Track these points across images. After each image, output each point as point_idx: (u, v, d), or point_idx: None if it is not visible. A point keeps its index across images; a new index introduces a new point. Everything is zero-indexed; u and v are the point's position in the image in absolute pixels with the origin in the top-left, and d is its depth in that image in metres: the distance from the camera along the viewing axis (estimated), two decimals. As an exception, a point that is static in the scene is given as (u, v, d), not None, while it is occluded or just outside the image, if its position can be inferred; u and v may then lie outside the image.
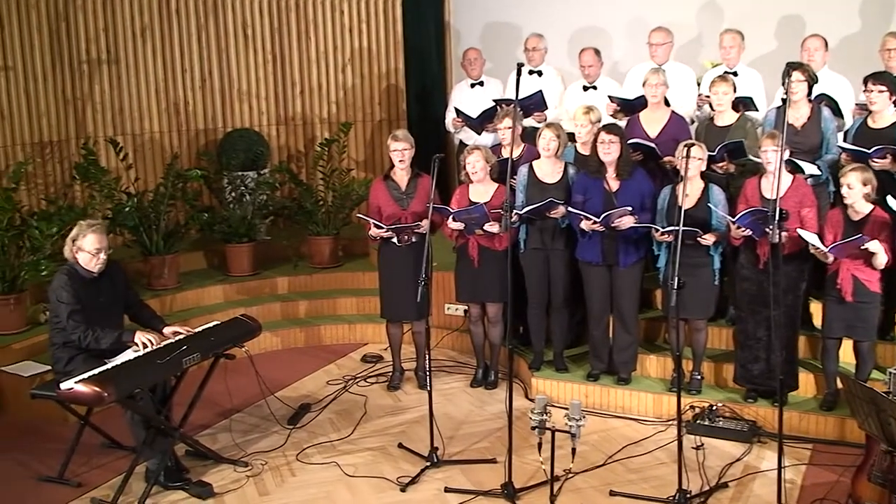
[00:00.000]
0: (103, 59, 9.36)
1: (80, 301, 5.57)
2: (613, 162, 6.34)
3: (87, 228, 5.65)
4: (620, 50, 9.02)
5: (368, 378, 7.46)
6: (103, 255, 5.68)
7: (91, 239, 5.62)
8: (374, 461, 5.99)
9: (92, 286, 5.69)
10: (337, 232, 9.04)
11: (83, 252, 5.63)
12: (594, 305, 6.65)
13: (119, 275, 5.93)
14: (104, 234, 5.72)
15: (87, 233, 5.63)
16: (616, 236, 6.34)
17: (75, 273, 5.66)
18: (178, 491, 5.63)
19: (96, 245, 5.63)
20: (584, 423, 5.06)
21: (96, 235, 5.64)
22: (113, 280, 5.84)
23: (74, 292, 5.56)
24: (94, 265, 5.65)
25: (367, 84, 10.20)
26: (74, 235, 5.67)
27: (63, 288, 5.57)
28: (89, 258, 5.64)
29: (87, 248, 5.62)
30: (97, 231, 5.66)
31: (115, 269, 5.89)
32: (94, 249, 5.63)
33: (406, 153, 6.79)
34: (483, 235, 6.68)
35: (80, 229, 5.66)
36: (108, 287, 5.80)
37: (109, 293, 5.80)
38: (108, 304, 5.78)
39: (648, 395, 6.55)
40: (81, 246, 5.63)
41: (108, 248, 5.75)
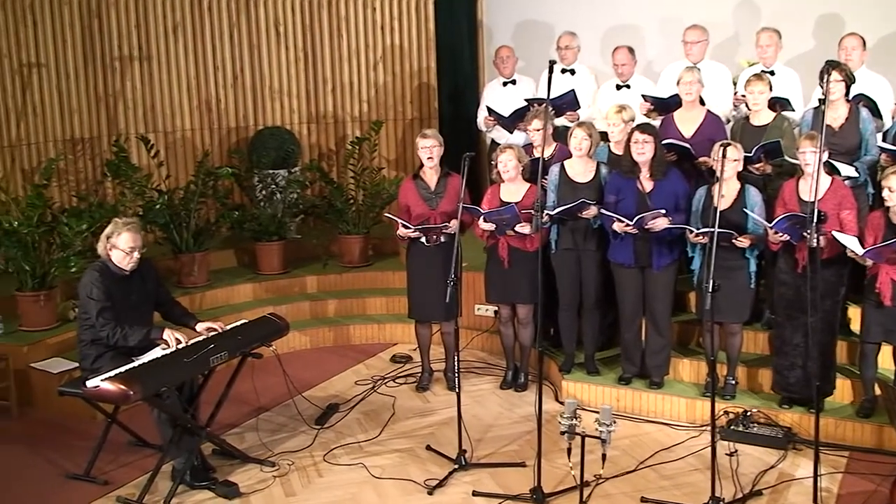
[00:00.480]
0: (135, 56, 9.37)
1: (110, 298, 5.55)
2: (647, 162, 6.24)
3: (122, 226, 5.62)
4: (654, 49, 8.90)
5: (397, 379, 7.40)
6: (137, 255, 5.66)
7: (126, 237, 5.60)
8: (402, 463, 5.92)
9: (123, 283, 5.67)
10: (367, 231, 8.99)
11: (117, 250, 5.60)
12: (626, 308, 6.55)
13: (150, 272, 5.90)
14: (139, 233, 5.69)
15: (122, 231, 5.60)
16: (649, 237, 6.23)
17: (107, 270, 5.63)
18: (204, 490, 5.60)
19: (130, 244, 5.61)
20: (614, 429, 4.97)
21: (131, 234, 5.61)
22: (144, 278, 5.82)
23: (105, 289, 5.54)
24: (126, 263, 5.63)
25: (399, 82, 10.13)
26: (109, 232, 5.64)
27: (94, 284, 5.54)
28: (122, 256, 5.61)
29: (121, 247, 5.60)
30: (132, 230, 5.63)
31: (146, 267, 5.86)
32: (129, 248, 5.60)
33: (435, 150, 6.73)
34: (514, 236, 6.60)
35: (116, 227, 5.63)
36: (138, 285, 5.77)
37: (140, 291, 5.78)
38: (138, 301, 5.75)
39: (681, 400, 6.44)
40: (116, 244, 5.60)
41: (143, 247, 5.72)
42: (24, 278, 7.22)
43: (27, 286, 7.23)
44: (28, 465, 6.05)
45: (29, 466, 6.03)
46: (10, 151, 8.55)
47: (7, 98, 8.49)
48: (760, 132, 6.55)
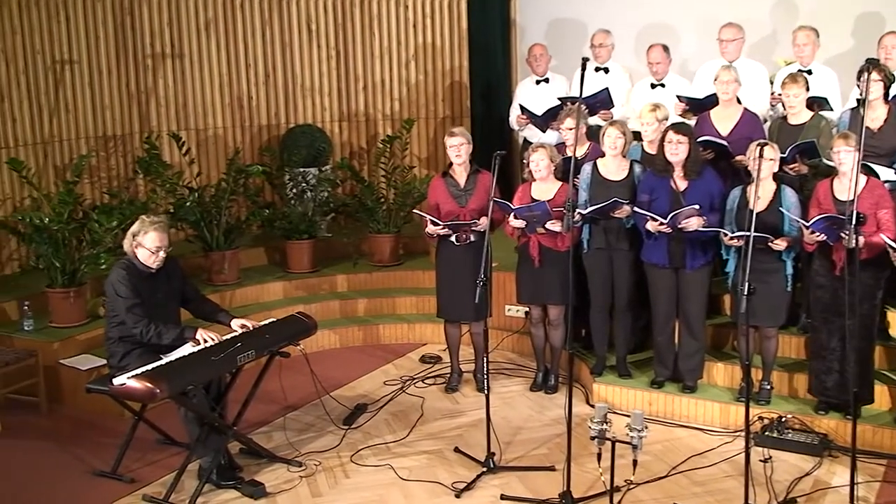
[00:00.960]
0: (167, 53, 9.38)
1: (139, 295, 5.53)
2: (680, 162, 6.13)
3: (149, 225, 5.58)
4: (690, 48, 8.77)
5: (426, 379, 7.34)
6: (163, 254, 5.62)
7: (152, 237, 5.56)
8: (430, 465, 5.86)
9: (149, 281, 5.64)
10: (398, 230, 8.94)
11: (143, 248, 5.57)
12: (659, 309, 6.44)
13: (175, 270, 5.88)
14: (166, 232, 5.65)
15: (148, 230, 5.56)
16: (683, 238, 6.13)
17: (133, 267, 5.61)
18: (230, 490, 5.56)
19: (157, 243, 5.57)
20: (646, 434, 4.86)
21: (157, 233, 5.57)
22: (170, 276, 5.79)
23: (133, 286, 5.52)
24: (152, 262, 5.60)
25: (431, 80, 10.07)
26: (136, 230, 5.61)
27: (121, 282, 5.52)
28: (148, 255, 5.58)
29: (147, 245, 5.56)
30: (159, 229, 5.59)
31: (171, 265, 5.83)
32: (154, 247, 5.57)
33: (462, 148, 6.66)
34: (545, 235, 6.51)
35: (142, 225, 5.60)
36: (164, 282, 5.75)
37: (166, 288, 5.75)
38: (165, 299, 5.73)
39: (715, 405, 6.32)
40: (142, 242, 5.57)
41: (169, 246, 5.69)
42: (54, 275, 7.23)
43: (57, 282, 7.24)
44: (56, 461, 6.05)
45: (57, 463, 6.03)
46: (43, 148, 8.58)
47: (40, 95, 8.51)
48: (797, 131, 6.43)
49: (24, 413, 6.79)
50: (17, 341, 7.10)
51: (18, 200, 8.31)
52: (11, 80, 8.26)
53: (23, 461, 6.08)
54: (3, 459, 6.11)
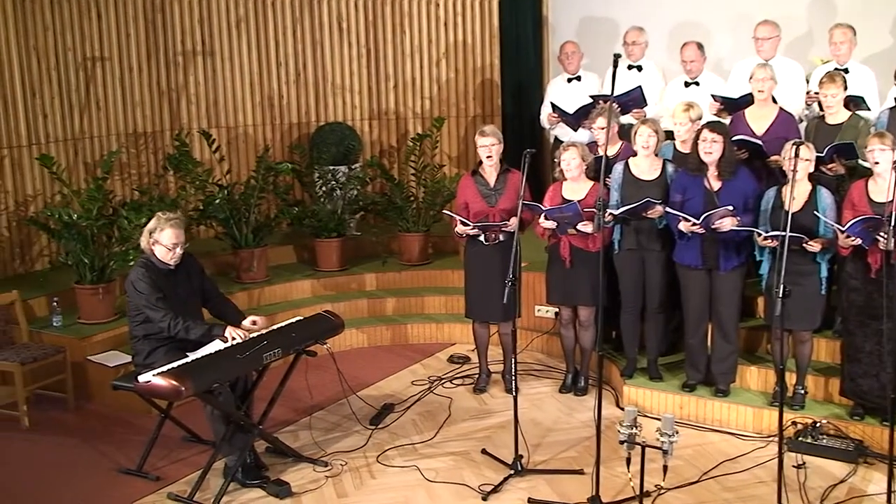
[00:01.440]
0: (198, 51, 9.38)
1: (160, 290, 5.52)
2: (714, 162, 6.02)
3: (164, 222, 5.58)
4: (724, 46, 8.63)
5: (454, 379, 7.27)
6: (179, 250, 5.61)
7: (168, 233, 5.55)
8: (456, 466, 5.79)
9: (169, 278, 5.64)
10: (427, 229, 8.88)
11: (160, 245, 5.57)
12: (692, 311, 6.33)
13: (194, 267, 5.86)
14: (182, 228, 5.64)
15: (164, 226, 5.56)
16: (716, 238, 6.02)
17: (152, 265, 5.60)
18: (255, 489, 5.53)
19: (173, 240, 5.56)
20: (676, 439, 4.76)
21: (174, 230, 5.57)
22: (189, 273, 5.78)
23: (153, 283, 5.50)
24: (170, 259, 5.59)
25: (462, 79, 10.01)
26: (152, 228, 5.60)
27: (141, 279, 5.51)
28: (165, 251, 5.57)
29: (163, 242, 5.56)
30: (175, 225, 5.58)
31: (190, 263, 5.82)
32: (171, 244, 5.56)
33: (494, 149, 6.58)
34: (576, 235, 6.43)
35: (158, 222, 5.59)
36: (184, 280, 5.74)
37: (186, 285, 5.74)
38: (185, 296, 5.71)
39: (748, 409, 6.21)
40: (158, 239, 5.57)
41: (185, 242, 5.68)
42: (83, 271, 7.24)
43: (86, 279, 7.25)
44: (82, 458, 6.05)
45: (83, 459, 6.03)
46: (74, 144, 8.61)
47: (71, 91, 8.54)
48: (835, 131, 6.31)
49: (52, 409, 6.81)
50: (46, 337, 7.11)
51: (49, 197, 8.34)
52: (43, 77, 8.29)
53: (49, 457, 6.08)
54: (30, 455, 6.12)
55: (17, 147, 8.15)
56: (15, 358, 6.54)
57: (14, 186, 8.18)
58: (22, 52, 8.11)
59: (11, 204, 8.17)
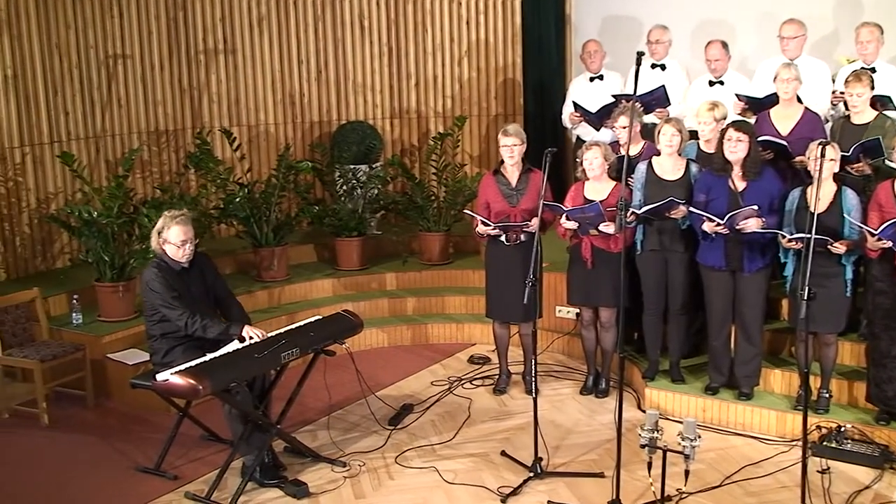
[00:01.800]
0: (220, 48, 9.38)
1: (175, 289, 5.51)
2: (739, 161, 5.94)
3: (171, 220, 5.57)
4: (749, 46, 8.53)
5: (474, 380, 7.22)
6: (189, 247, 5.60)
7: (175, 231, 5.54)
8: (475, 468, 5.74)
9: (183, 277, 5.63)
10: (448, 228, 8.83)
11: (169, 244, 5.57)
12: (715, 313, 6.25)
13: (208, 267, 5.85)
14: (189, 224, 5.63)
15: (171, 224, 5.55)
16: (741, 239, 5.93)
17: (165, 265, 5.59)
18: (273, 489, 5.50)
19: (181, 237, 5.55)
20: (699, 444, 4.69)
21: (181, 227, 5.56)
22: (203, 272, 5.77)
23: (167, 283, 5.49)
24: (180, 256, 5.58)
25: (484, 77, 9.95)
26: (160, 227, 5.60)
27: (154, 279, 5.51)
28: (175, 249, 5.56)
29: (172, 240, 5.55)
30: (181, 222, 5.57)
31: (203, 262, 5.81)
32: (180, 241, 5.55)
33: (516, 149, 6.52)
34: (598, 236, 6.36)
35: (165, 221, 5.59)
36: (197, 278, 5.72)
37: (199, 284, 5.73)
38: (199, 295, 5.69)
39: (771, 413, 6.13)
40: (167, 238, 5.57)
41: (194, 238, 5.67)
42: (103, 269, 7.23)
43: (106, 277, 7.24)
44: (100, 456, 6.04)
45: (101, 457, 6.02)
46: (95, 142, 8.62)
47: (93, 89, 8.55)
48: (861, 131, 6.21)
49: (71, 406, 6.82)
50: (66, 335, 7.11)
51: (70, 194, 8.35)
52: (65, 75, 8.31)
53: (67, 454, 6.08)
54: (48, 452, 6.12)
55: (38, 144, 8.16)
56: (35, 355, 6.54)
57: (35, 184, 8.19)
58: (44, 49, 8.13)
59: (33, 201, 8.18)
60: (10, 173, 8.00)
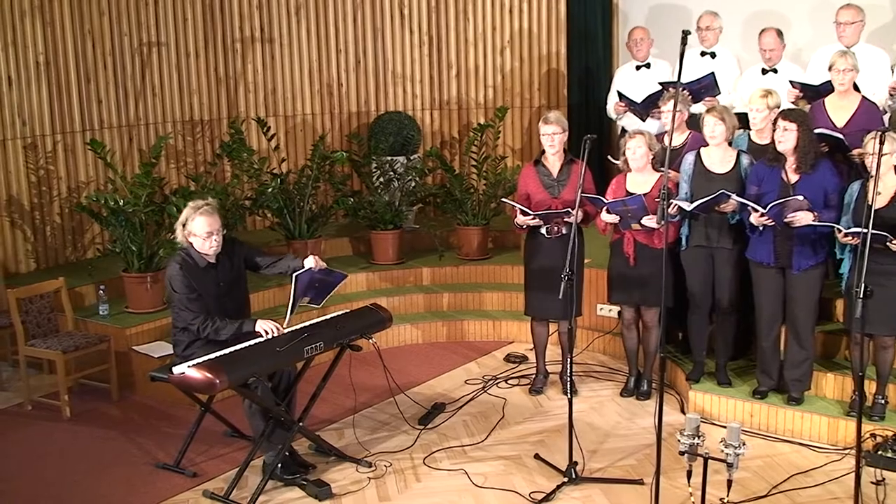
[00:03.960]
0: (257, 37, 9.22)
1: (195, 290, 5.28)
2: (790, 151, 5.60)
3: (194, 211, 5.31)
4: (803, 36, 8.18)
5: (510, 379, 6.95)
6: (216, 238, 5.34)
7: (201, 222, 5.29)
8: (507, 472, 5.47)
9: (209, 272, 5.39)
10: (486, 222, 8.57)
11: (195, 237, 5.32)
12: (764, 313, 5.92)
13: (237, 253, 5.57)
14: (215, 215, 5.37)
15: (195, 216, 5.30)
16: (792, 235, 5.59)
17: (189, 261, 5.35)
18: (293, 488, 5.29)
19: (206, 228, 5.29)
20: (743, 452, 4.38)
21: (206, 218, 5.29)
22: (232, 261, 5.52)
23: (187, 281, 5.28)
24: (208, 248, 5.33)
25: (527, 67, 9.67)
26: (184, 219, 5.35)
27: (175, 276, 5.30)
28: (201, 242, 5.32)
29: (197, 232, 5.30)
30: (206, 213, 5.31)
31: (232, 250, 5.55)
32: (205, 233, 5.29)
33: (557, 138, 6.24)
34: (641, 230, 6.06)
35: (189, 212, 5.34)
36: (226, 270, 5.47)
37: (228, 276, 5.48)
38: (228, 287, 5.47)
39: (823, 419, 5.80)
40: (192, 230, 5.31)
41: (221, 229, 5.40)
42: (130, 259, 7.09)
43: (133, 267, 7.10)
44: (120, 451, 5.88)
45: (120, 453, 5.85)
46: (129, 131, 8.50)
47: (126, 77, 8.43)
48: (921, 122, 5.85)
49: (95, 399, 6.68)
50: (92, 326, 6.98)
51: (102, 184, 8.22)
52: (98, 62, 8.19)
53: (86, 448, 5.93)
54: (67, 446, 5.97)
55: (70, 133, 8.06)
56: (57, 346, 6.40)
57: (67, 173, 8.09)
58: (77, 36, 8.03)
59: (64, 190, 8.07)
60: (41, 161, 7.90)
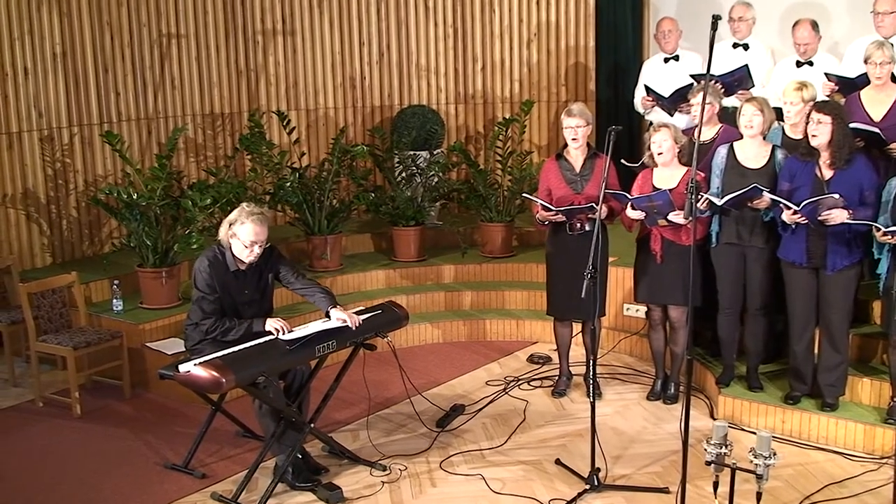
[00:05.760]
0: (278, 29, 9.05)
1: (216, 291, 5.09)
2: (823, 145, 5.34)
3: (247, 216, 5.04)
4: (840, 29, 7.89)
5: (532, 381, 6.73)
6: (258, 249, 5.10)
7: (249, 229, 5.03)
8: (526, 477, 5.25)
9: (238, 278, 5.18)
10: (511, 219, 8.35)
11: (237, 240, 5.08)
12: (797, 315, 5.67)
13: (272, 263, 5.32)
14: (265, 225, 5.09)
15: (245, 220, 5.03)
16: (825, 233, 5.33)
17: (220, 260, 5.14)
18: (304, 492, 5.11)
19: (252, 237, 5.04)
20: (774, 462, 4.13)
21: (256, 226, 5.03)
22: (262, 271, 5.28)
23: (211, 281, 5.09)
24: (245, 256, 5.10)
25: (554, 61, 9.43)
26: (233, 219, 5.09)
27: (200, 272, 5.10)
28: (242, 248, 5.08)
29: (242, 238, 5.05)
30: (258, 221, 5.04)
31: (269, 258, 5.29)
32: (249, 242, 5.05)
33: (580, 131, 6.03)
34: (668, 227, 5.82)
35: (240, 214, 5.07)
36: (254, 280, 5.25)
37: (255, 286, 5.26)
38: (252, 297, 5.26)
39: (858, 426, 5.54)
40: (237, 233, 5.06)
41: (266, 242, 5.14)
42: (145, 253, 6.93)
43: (148, 262, 6.95)
44: (129, 450, 5.73)
45: (129, 452, 5.70)
46: (147, 124, 8.35)
47: (145, 69, 8.29)
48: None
49: (107, 397, 6.55)
50: (105, 322, 6.83)
51: (120, 177, 8.08)
52: (116, 53, 8.06)
53: (95, 447, 5.78)
54: (76, 444, 5.83)
55: (87, 125, 7.93)
56: (68, 342, 6.25)
57: (84, 165, 7.96)
58: (95, 27, 7.89)
59: (81, 184, 7.95)
60: (57, 154, 7.78)
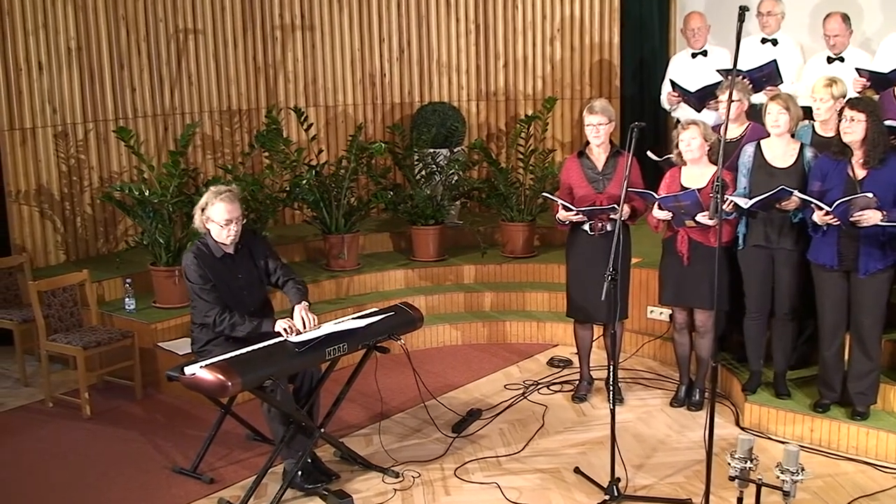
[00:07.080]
0: (297, 25, 8.90)
1: (209, 280, 4.99)
2: (857, 143, 5.13)
3: (215, 196, 5.02)
4: (873, 25, 7.66)
5: (552, 385, 6.54)
6: (234, 227, 5.04)
7: (220, 208, 4.99)
8: (543, 486, 5.07)
9: (227, 263, 5.09)
10: (533, 219, 8.15)
11: (212, 223, 5.04)
12: (826, 320, 5.45)
13: (261, 248, 5.29)
14: (236, 202, 5.07)
15: (215, 201, 5.00)
16: (858, 235, 5.12)
17: (205, 251, 5.07)
18: (314, 498, 4.96)
19: (225, 216, 4.99)
20: (801, 478, 3.92)
21: (226, 204, 5.00)
22: (254, 255, 5.21)
23: (202, 271, 4.99)
24: (225, 237, 5.04)
25: (578, 57, 9.23)
26: (203, 204, 5.06)
27: (189, 266, 5.01)
28: (219, 230, 5.03)
29: (215, 219, 5.01)
30: (227, 199, 5.01)
31: (254, 243, 5.27)
32: (223, 220, 5.00)
33: (602, 128, 5.84)
34: (695, 228, 5.62)
35: (209, 197, 5.04)
36: (246, 264, 5.17)
37: (247, 272, 5.17)
38: (246, 282, 5.16)
39: (890, 436, 5.31)
40: (210, 216, 5.03)
41: (241, 218, 5.11)
42: (158, 252, 6.80)
43: (161, 260, 6.82)
44: (137, 453, 5.60)
45: (137, 455, 5.57)
46: (163, 120, 8.24)
47: (161, 65, 8.17)
48: None
49: (118, 397, 6.43)
50: (117, 321, 6.72)
51: (135, 174, 7.97)
52: (132, 48, 7.95)
53: (103, 450, 5.65)
54: (84, 446, 5.71)
55: (102, 121, 7.81)
56: (78, 342, 6.13)
57: (98, 162, 7.85)
58: (110, 21, 7.79)
59: (95, 180, 7.83)
60: (71, 150, 7.67)
